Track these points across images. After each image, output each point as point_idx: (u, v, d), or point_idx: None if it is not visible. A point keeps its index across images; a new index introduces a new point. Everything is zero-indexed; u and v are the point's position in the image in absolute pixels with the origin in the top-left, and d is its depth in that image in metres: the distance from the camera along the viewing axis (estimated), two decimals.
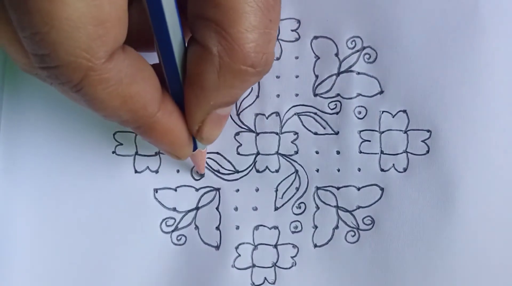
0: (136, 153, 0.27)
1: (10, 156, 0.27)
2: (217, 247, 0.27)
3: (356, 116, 0.27)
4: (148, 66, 0.20)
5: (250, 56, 0.19)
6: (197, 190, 0.27)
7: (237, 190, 0.27)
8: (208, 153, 0.27)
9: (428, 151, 0.26)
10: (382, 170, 0.26)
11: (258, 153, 0.27)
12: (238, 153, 0.27)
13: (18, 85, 0.27)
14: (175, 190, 0.27)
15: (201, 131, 0.22)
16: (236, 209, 0.27)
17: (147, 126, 0.21)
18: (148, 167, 0.27)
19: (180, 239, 0.27)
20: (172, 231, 0.27)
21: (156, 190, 0.27)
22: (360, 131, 0.26)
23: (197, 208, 0.27)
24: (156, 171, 0.27)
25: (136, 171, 0.27)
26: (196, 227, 0.27)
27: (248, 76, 0.20)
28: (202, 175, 0.27)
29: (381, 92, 0.26)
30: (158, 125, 0.21)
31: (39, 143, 0.27)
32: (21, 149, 0.27)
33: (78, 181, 0.26)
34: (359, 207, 0.26)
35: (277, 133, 0.27)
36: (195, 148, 0.24)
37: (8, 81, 0.27)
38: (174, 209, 0.27)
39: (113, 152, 0.27)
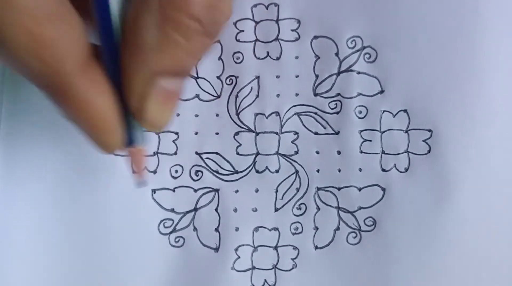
0: None
1: (10, 156, 0.26)
2: (216, 249, 0.26)
3: (357, 116, 0.26)
4: (73, 13, 0.16)
5: (195, 7, 0.16)
6: (195, 191, 0.27)
7: (237, 191, 0.26)
8: (207, 153, 0.27)
9: (429, 151, 0.25)
10: (383, 170, 0.26)
11: (257, 153, 0.27)
12: (238, 153, 0.27)
13: (18, 85, 0.27)
14: (173, 190, 0.27)
15: (143, 110, 0.18)
16: (235, 210, 0.26)
17: (61, 90, 0.16)
18: (146, 167, 0.27)
19: (178, 240, 0.26)
20: (170, 232, 0.26)
21: (154, 191, 0.26)
22: (361, 131, 0.26)
23: (195, 209, 0.27)
24: (154, 172, 0.27)
25: (134, 172, 0.26)
26: (195, 229, 0.26)
27: (194, 33, 0.17)
28: (143, 184, 0.22)
29: (382, 91, 0.26)
30: (74, 90, 0.16)
31: (38, 143, 0.26)
32: (20, 149, 0.26)
33: (76, 181, 0.26)
34: (360, 208, 0.26)
35: (277, 133, 0.27)
36: (130, 142, 0.19)
37: (8, 82, 0.27)
38: (172, 210, 0.26)
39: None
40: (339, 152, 0.26)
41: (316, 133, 0.27)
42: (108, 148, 0.19)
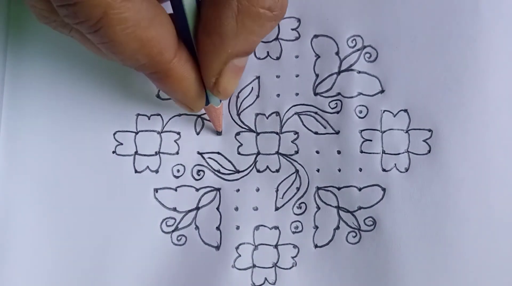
0: (136, 153, 0.27)
1: (10, 156, 0.27)
2: (218, 247, 0.26)
3: (357, 115, 0.26)
4: (165, 12, 0.20)
5: None
6: (197, 190, 0.27)
7: (238, 190, 0.27)
8: (208, 153, 0.27)
9: (429, 151, 0.25)
10: (383, 170, 0.26)
11: (258, 153, 0.27)
12: (239, 153, 0.27)
13: (18, 85, 0.27)
14: (175, 190, 0.27)
15: (218, 84, 0.22)
16: (236, 209, 0.27)
17: (163, 73, 0.21)
18: (148, 167, 0.27)
19: (180, 239, 0.27)
20: (172, 231, 0.27)
21: (156, 190, 0.27)
22: (361, 131, 0.26)
23: (197, 208, 0.27)
24: (156, 171, 0.27)
25: (136, 171, 0.27)
26: (197, 227, 0.27)
27: (266, 20, 0.20)
28: (220, 133, 0.27)
29: (382, 91, 0.26)
30: (173, 72, 0.21)
31: (39, 143, 0.27)
32: (21, 149, 0.27)
33: (78, 181, 0.27)
34: (360, 208, 0.26)
35: (277, 133, 0.27)
36: (207, 103, 0.24)
37: (8, 81, 0.27)
38: (175, 209, 0.27)
39: (113, 152, 0.27)
40: (339, 152, 0.26)
41: (316, 133, 0.27)
42: (196, 109, 0.24)
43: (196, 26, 0.21)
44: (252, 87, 0.27)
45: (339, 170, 0.26)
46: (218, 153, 0.27)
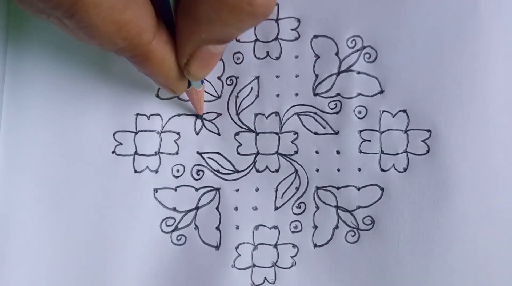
0: (136, 153, 0.27)
1: (10, 156, 0.27)
2: (217, 247, 0.27)
3: (356, 116, 0.26)
4: None
5: None
6: (197, 190, 0.27)
7: (237, 190, 0.27)
8: (208, 153, 0.27)
9: (428, 151, 0.26)
10: (382, 170, 0.26)
11: (258, 153, 0.27)
12: (238, 153, 0.27)
13: (18, 85, 0.27)
14: (175, 190, 0.27)
15: (188, 65, 0.22)
16: (236, 209, 0.27)
17: (143, 55, 0.21)
18: (147, 167, 0.27)
19: (180, 239, 0.27)
20: (172, 231, 0.27)
21: (156, 190, 0.27)
22: (360, 131, 0.26)
23: (197, 208, 0.27)
24: (156, 171, 0.27)
25: (135, 171, 0.27)
26: (196, 227, 0.27)
27: (244, 14, 0.19)
28: (201, 116, 0.27)
29: (381, 91, 0.26)
30: (153, 54, 0.21)
31: (39, 143, 0.27)
32: (20, 149, 0.27)
33: (77, 181, 0.26)
34: (359, 207, 0.26)
35: (276, 133, 0.27)
36: (189, 85, 0.24)
37: (8, 81, 0.27)
38: (174, 209, 0.27)
39: (113, 152, 0.27)
40: (338, 152, 0.27)
41: (315, 133, 0.27)
42: (178, 91, 0.24)
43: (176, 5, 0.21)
44: (252, 87, 0.27)
45: (338, 170, 0.27)
46: (218, 153, 0.27)
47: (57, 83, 0.27)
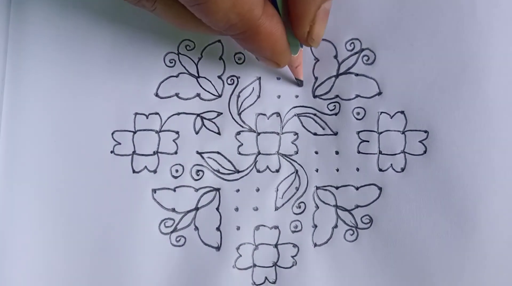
0: (134, 153, 0.26)
1: (10, 156, 0.26)
2: (218, 248, 0.26)
3: (355, 117, 0.27)
4: None
5: None
6: (196, 190, 0.27)
7: (238, 190, 0.27)
8: (208, 152, 0.27)
9: (425, 152, 0.26)
10: (380, 170, 0.27)
11: (259, 153, 0.27)
12: (239, 153, 0.27)
13: (18, 85, 0.26)
14: (174, 190, 0.27)
15: (311, 31, 0.23)
16: (236, 209, 0.27)
17: (253, 30, 0.22)
18: (146, 167, 0.26)
19: (180, 240, 0.26)
20: (171, 232, 0.26)
21: (154, 191, 0.26)
22: (359, 132, 0.27)
23: (196, 209, 0.27)
24: (154, 171, 0.26)
25: (134, 171, 0.26)
26: (196, 228, 0.26)
27: None
28: (301, 83, 0.27)
29: (380, 93, 0.27)
30: (262, 28, 0.22)
31: (38, 143, 0.26)
32: (20, 149, 0.26)
33: (76, 181, 0.26)
34: (357, 206, 0.27)
35: (277, 133, 0.27)
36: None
37: (8, 81, 0.26)
38: (173, 210, 0.26)
39: (111, 152, 0.26)
40: (337, 152, 0.27)
41: (315, 134, 0.27)
42: (283, 63, 0.24)
43: None
44: (253, 88, 0.27)
45: (337, 170, 0.27)
46: (218, 152, 0.27)
47: (56, 83, 0.26)
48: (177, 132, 0.27)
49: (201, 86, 0.27)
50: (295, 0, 0.22)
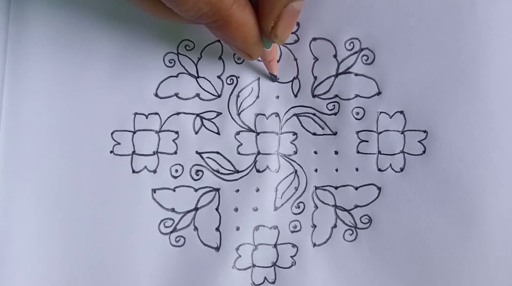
0: (134, 153, 0.26)
1: (10, 156, 0.26)
2: (217, 248, 0.26)
3: (354, 117, 0.27)
4: None
5: None
6: (196, 190, 0.27)
7: (237, 190, 0.27)
8: (207, 152, 0.27)
9: (424, 151, 0.26)
10: (379, 170, 0.27)
11: (258, 153, 0.27)
12: (238, 153, 0.27)
13: (18, 85, 0.26)
14: (174, 190, 0.27)
15: (276, 27, 0.23)
16: (236, 210, 0.27)
17: (224, 19, 0.22)
18: (146, 167, 0.26)
19: (179, 240, 0.26)
20: (171, 232, 0.26)
21: (154, 191, 0.26)
22: (358, 132, 0.27)
23: (196, 209, 0.27)
24: (154, 171, 0.27)
25: (133, 171, 0.26)
26: (195, 228, 0.27)
27: None
28: (276, 78, 0.27)
29: (379, 93, 0.27)
30: (233, 18, 0.22)
31: (37, 143, 0.26)
32: (19, 149, 0.26)
33: (75, 181, 0.26)
34: (356, 206, 0.27)
35: (276, 133, 0.27)
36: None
37: (8, 81, 0.26)
38: (173, 210, 0.26)
39: (111, 152, 0.26)
40: (336, 152, 0.27)
41: (314, 134, 0.27)
42: (255, 55, 0.25)
43: None
44: (252, 88, 0.27)
45: (336, 170, 0.27)
46: (217, 152, 0.27)
47: (56, 83, 0.26)
48: (177, 132, 0.27)
49: (200, 86, 0.27)
50: None
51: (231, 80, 0.27)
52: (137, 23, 0.27)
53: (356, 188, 0.27)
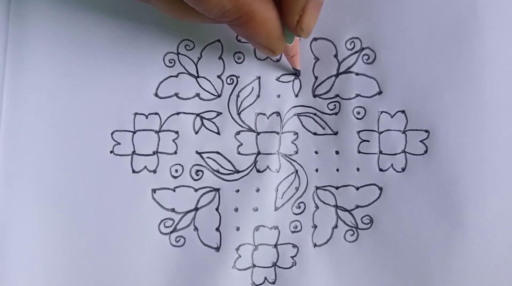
0: (134, 153, 0.26)
1: (10, 156, 0.26)
2: (217, 249, 0.26)
3: (355, 117, 0.27)
4: None
5: None
6: (196, 190, 0.27)
7: (237, 191, 0.27)
8: (207, 152, 0.27)
9: (426, 151, 0.26)
10: (380, 170, 0.27)
11: (259, 153, 0.27)
12: (239, 153, 0.27)
13: (18, 85, 0.26)
14: (174, 190, 0.27)
15: (301, 21, 0.22)
16: (236, 210, 0.27)
17: (248, 15, 0.22)
18: (146, 167, 0.26)
19: (179, 240, 0.26)
20: (171, 232, 0.26)
21: (154, 191, 0.26)
22: (359, 132, 0.27)
23: (196, 209, 0.27)
24: (154, 171, 0.26)
25: (133, 171, 0.26)
26: (196, 228, 0.26)
27: None
28: (299, 73, 0.27)
29: (380, 92, 0.27)
30: (257, 13, 0.22)
31: (38, 143, 0.26)
32: (20, 149, 0.26)
33: (75, 181, 0.26)
34: (357, 207, 0.27)
35: (277, 133, 0.27)
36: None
37: (8, 81, 0.26)
38: (173, 210, 0.26)
39: (111, 152, 0.26)
40: (337, 152, 0.27)
41: (315, 134, 0.27)
42: (278, 50, 0.24)
43: None
44: (253, 87, 0.27)
45: (337, 170, 0.27)
46: (217, 152, 0.27)
47: (56, 83, 0.26)
48: (177, 132, 0.27)
49: (200, 86, 0.27)
50: None
51: (231, 80, 0.27)
52: (137, 23, 0.27)
53: (357, 188, 0.27)
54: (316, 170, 0.27)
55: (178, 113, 0.27)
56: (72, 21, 0.27)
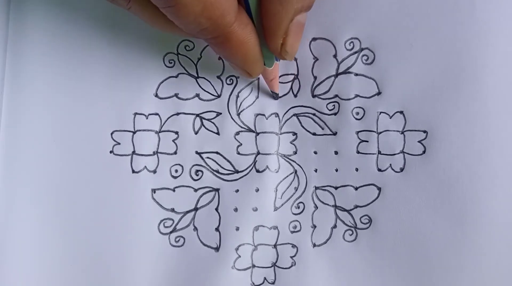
0: (134, 153, 0.26)
1: (9, 156, 0.26)
2: (217, 249, 0.26)
3: (354, 117, 0.27)
4: None
5: None
6: (195, 190, 0.27)
7: (237, 191, 0.27)
8: (207, 153, 0.27)
9: (424, 152, 0.26)
10: (379, 170, 0.27)
11: (258, 153, 0.27)
12: (238, 153, 0.27)
13: (17, 85, 0.26)
14: (173, 190, 0.27)
15: (285, 44, 0.22)
16: (236, 210, 0.27)
17: (224, 36, 0.21)
18: (145, 167, 0.26)
19: (179, 240, 0.26)
20: (170, 232, 0.26)
21: (154, 191, 0.26)
22: (358, 132, 0.27)
23: (196, 209, 0.27)
24: (154, 171, 0.27)
25: (133, 171, 0.26)
26: (195, 228, 0.27)
27: None
28: (277, 96, 0.27)
29: (379, 93, 0.27)
30: (234, 35, 0.21)
31: (37, 143, 0.26)
32: (19, 149, 0.26)
33: (75, 181, 0.26)
34: (356, 207, 0.27)
35: (276, 133, 0.27)
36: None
37: (8, 81, 0.26)
38: (172, 210, 0.26)
39: (111, 152, 0.26)
40: (336, 152, 0.27)
41: (314, 134, 0.27)
42: (255, 74, 0.24)
43: None
44: (252, 88, 0.27)
45: (336, 170, 0.27)
46: (217, 153, 0.27)
47: (56, 84, 0.26)
48: (177, 132, 0.27)
49: (200, 86, 0.27)
50: (268, 12, 0.22)
51: (231, 80, 0.27)
52: (137, 23, 0.27)
53: (356, 188, 0.27)
54: (315, 170, 0.27)
55: (178, 114, 0.27)
56: (72, 21, 0.27)
